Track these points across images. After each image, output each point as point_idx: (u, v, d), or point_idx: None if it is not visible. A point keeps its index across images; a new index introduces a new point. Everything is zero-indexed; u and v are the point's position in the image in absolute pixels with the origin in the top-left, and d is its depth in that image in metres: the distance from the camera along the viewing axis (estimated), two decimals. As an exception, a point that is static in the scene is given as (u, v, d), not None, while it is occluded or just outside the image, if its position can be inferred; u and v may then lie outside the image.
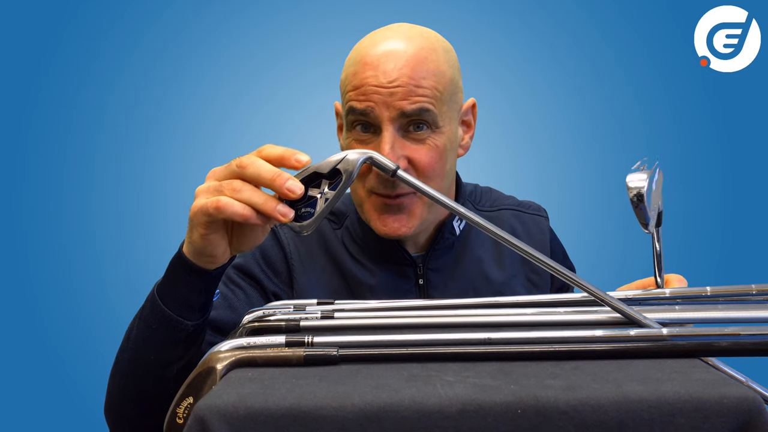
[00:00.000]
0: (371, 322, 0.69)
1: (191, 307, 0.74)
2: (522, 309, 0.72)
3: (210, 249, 0.70)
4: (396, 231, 0.92)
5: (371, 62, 0.89)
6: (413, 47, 0.90)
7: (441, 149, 0.92)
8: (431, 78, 0.90)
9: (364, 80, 0.89)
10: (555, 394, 0.47)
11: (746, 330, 0.57)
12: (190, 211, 0.69)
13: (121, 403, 0.81)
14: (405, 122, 0.89)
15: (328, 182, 0.66)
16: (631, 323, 0.63)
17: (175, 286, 0.74)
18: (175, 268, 0.74)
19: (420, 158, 0.90)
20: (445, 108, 0.92)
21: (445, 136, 0.93)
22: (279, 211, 0.65)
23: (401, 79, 0.88)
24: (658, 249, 0.74)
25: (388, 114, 0.88)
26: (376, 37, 0.93)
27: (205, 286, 0.75)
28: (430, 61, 0.90)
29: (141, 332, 0.76)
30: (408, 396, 0.47)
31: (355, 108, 0.90)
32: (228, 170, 0.68)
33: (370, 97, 0.88)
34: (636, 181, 0.66)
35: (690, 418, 0.46)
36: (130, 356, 0.78)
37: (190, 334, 0.75)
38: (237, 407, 0.46)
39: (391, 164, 0.67)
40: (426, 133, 0.91)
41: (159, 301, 0.74)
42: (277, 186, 0.65)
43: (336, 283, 0.99)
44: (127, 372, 0.79)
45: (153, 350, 0.75)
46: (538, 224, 1.08)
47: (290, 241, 1.00)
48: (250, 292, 0.97)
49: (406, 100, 0.88)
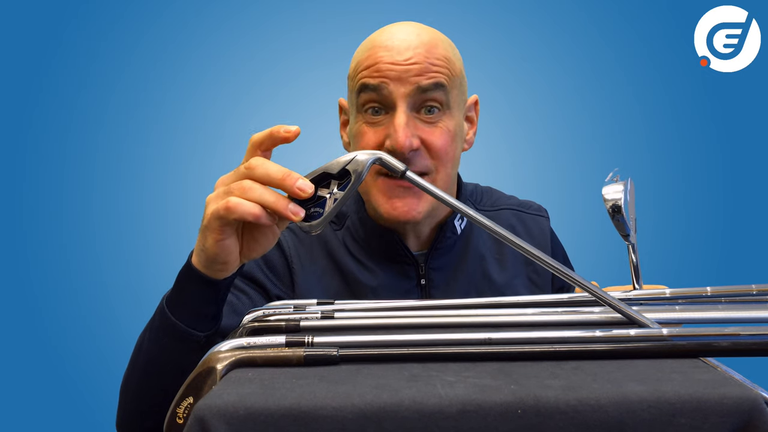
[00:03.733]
0: (371, 322, 0.69)
1: (203, 318, 0.74)
2: (522, 309, 0.72)
3: (224, 255, 0.69)
4: (405, 215, 0.92)
5: (385, 45, 0.90)
6: (425, 34, 0.92)
7: (452, 134, 0.92)
8: (444, 60, 0.91)
9: (378, 59, 0.89)
10: (555, 394, 0.47)
11: (746, 330, 0.57)
12: (204, 219, 0.68)
13: (135, 417, 0.80)
14: (419, 101, 0.90)
15: (338, 183, 0.66)
16: (631, 323, 0.63)
17: (185, 297, 0.73)
18: (184, 279, 0.73)
19: (434, 141, 0.91)
20: (456, 92, 0.93)
21: (455, 122, 0.93)
22: (290, 209, 0.65)
23: (416, 57, 0.89)
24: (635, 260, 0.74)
25: (403, 90, 0.88)
26: (387, 28, 0.94)
27: (216, 296, 0.74)
28: (441, 48, 0.92)
29: (152, 345, 0.76)
30: (408, 396, 0.47)
31: (368, 84, 0.89)
32: (236, 175, 0.67)
33: (385, 73, 0.89)
34: (612, 193, 0.67)
35: (690, 418, 0.46)
36: (143, 370, 0.77)
37: (202, 345, 0.74)
38: (237, 407, 0.46)
39: (399, 165, 0.67)
40: (438, 116, 0.91)
41: (169, 313, 0.74)
42: (288, 185, 0.64)
43: (337, 284, 0.99)
44: (139, 385, 0.78)
45: (166, 363, 0.75)
46: (539, 224, 1.08)
47: (290, 243, 1.00)
48: (254, 296, 0.97)
49: (421, 75, 0.88)
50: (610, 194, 0.67)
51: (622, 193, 0.67)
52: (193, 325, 0.73)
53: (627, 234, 0.68)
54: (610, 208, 0.66)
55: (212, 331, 0.75)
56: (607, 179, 0.69)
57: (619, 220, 0.67)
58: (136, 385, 0.79)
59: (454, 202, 0.67)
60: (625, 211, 0.67)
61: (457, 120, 0.94)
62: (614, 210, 0.66)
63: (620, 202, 0.66)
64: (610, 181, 0.68)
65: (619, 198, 0.66)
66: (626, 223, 0.67)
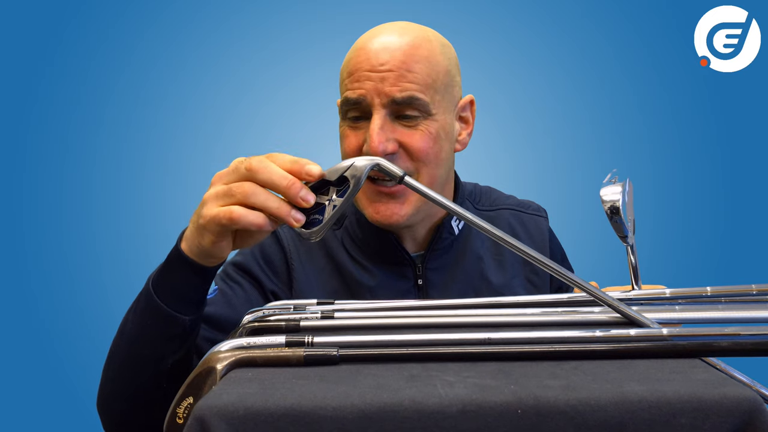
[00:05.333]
0: (371, 322, 0.69)
1: (188, 303, 0.74)
2: (522, 309, 0.72)
3: (218, 252, 0.70)
4: (388, 219, 0.93)
5: (366, 48, 0.91)
6: (408, 37, 0.92)
7: (434, 135, 0.92)
8: (423, 63, 0.91)
9: (357, 65, 0.91)
10: (555, 394, 0.47)
11: (746, 330, 0.57)
12: (202, 218, 0.67)
13: (113, 397, 0.80)
14: (395, 110, 0.90)
15: (336, 189, 0.66)
16: (631, 323, 0.63)
17: (172, 281, 0.74)
18: (172, 264, 0.74)
19: (412, 143, 0.91)
20: (439, 97, 0.93)
21: (439, 124, 0.93)
22: (293, 216, 0.65)
23: (392, 62, 0.89)
24: (634, 260, 0.74)
25: (379, 100, 0.89)
26: (374, 30, 0.95)
27: (203, 282, 0.75)
28: (423, 49, 0.92)
29: (136, 326, 0.76)
30: (408, 396, 0.47)
31: (348, 98, 0.91)
32: (236, 173, 0.66)
33: (363, 84, 0.90)
34: (610, 195, 0.67)
35: (690, 418, 0.46)
36: (125, 350, 0.78)
37: (186, 329, 0.75)
38: (237, 407, 0.46)
39: (398, 171, 0.67)
40: (417, 121, 0.91)
41: (155, 295, 0.74)
42: (292, 195, 0.64)
43: (335, 284, 0.99)
44: (120, 365, 0.78)
45: (148, 344, 0.75)
46: (538, 224, 1.08)
47: (290, 241, 1.00)
48: (248, 289, 0.97)
49: (396, 86, 0.89)
50: (609, 195, 0.67)
51: (621, 194, 0.67)
52: (179, 309, 0.74)
53: (625, 235, 0.68)
54: (609, 210, 0.66)
55: (196, 316, 0.76)
56: (605, 180, 0.69)
57: (617, 221, 0.67)
58: (115, 365, 0.79)
59: (451, 205, 0.67)
60: (624, 213, 0.67)
61: (443, 122, 0.94)
62: (612, 211, 0.66)
63: (618, 204, 0.66)
64: (608, 182, 0.68)
65: (618, 199, 0.66)
66: (624, 224, 0.67)
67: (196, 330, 0.78)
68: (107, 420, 0.82)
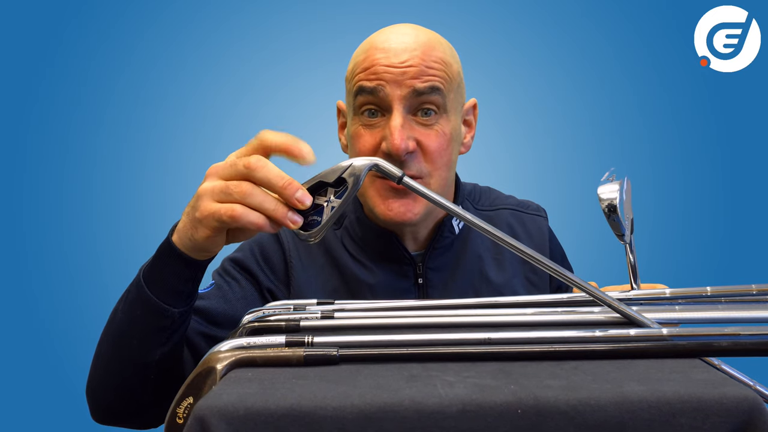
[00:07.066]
0: (371, 322, 0.69)
1: (178, 295, 0.74)
2: (522, 309, 0.72)
3: (211, 247, 0.70)
4: (401, 216, 0.92)
5: (382, 47, 0.91)
6: (423, 37, 0.92)
7: (448, 137, 0.92)
8: (440, 62, 0.91)
9: (374, 61, 0.90)
10: (555, 394, 0.47)
11: (746, 330, 0.57)
12: (198, 211, 0.67)
13: (101, 386, 0.80)
14: (415, 103, 0.90)
15: (334, 190, 0.66)
16: (631, 323, 0.63)
17: (164, 274, 0.73)
18: (164, 256, 0.73)
19: (430, 143, 0.91)
20: (452, 96, 0.93)
21: (451, 125, 0.93)
22: (290, 218, 0.65)
23: (412, 60, 0.89)
24: (632, 259, 0.74)
25: (400, 93, 0.88)
26: (385, 30, 0.95)
27: (194, 275, 0.74)
28: (438, 50, 0.92)
29: (126, 317, 0.76)
30: (408, 396, 0.47)
31: (364, 87, 0.90)
32: (234, 170, 0.66)
33: (381, 76, 0.89)
34: (608, 193, 0.67)
35: (690, 418, 0.46)
36: (113, 339, 0.78)
37: (174, 321, 0.75)
38: (237, 407, 0.46)
39: (396, 171, 0.67)
40: (434, 119, 0.91)
41: (145, 287, 0.74)
42: (288, 196, 0.64)
43: (335, 283, 0.99)
44: (110, 355, 0.78)
45: (136, 335, 0.75)
46: (537, 224, 1.08)
47: (290, 239, 1.00)
48: (245, 285, 0.97)
49: (417, 78, 0.89)
50: (606, 194, 0.67)
51: (618, 192, 0.67)
52: (169, 302, 0.74)
53: (622, 234, 0.68)
54: (606, 208, 0.66)
55: (186, 308, 0.76)
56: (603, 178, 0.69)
57: (614, 219, 0.67)
58: (103, 354, 0.79)
59: (450, 206, 0.67)
60: (621, 211, 0.67)
61: (454, 123, 0.94)
62: (610, 210, 0.66)
63: (616, 202, 0.66)
64: (605, 181, 0.68)
65: (615, 198, 0.66)
66: (621, 222, 0.67)
67: (185, 323, 0.78)
68: (95, 408, 0.82)
